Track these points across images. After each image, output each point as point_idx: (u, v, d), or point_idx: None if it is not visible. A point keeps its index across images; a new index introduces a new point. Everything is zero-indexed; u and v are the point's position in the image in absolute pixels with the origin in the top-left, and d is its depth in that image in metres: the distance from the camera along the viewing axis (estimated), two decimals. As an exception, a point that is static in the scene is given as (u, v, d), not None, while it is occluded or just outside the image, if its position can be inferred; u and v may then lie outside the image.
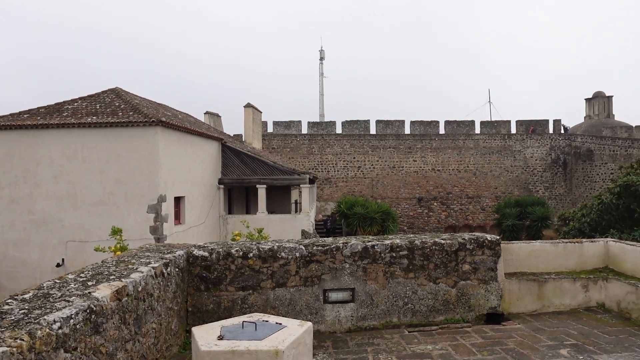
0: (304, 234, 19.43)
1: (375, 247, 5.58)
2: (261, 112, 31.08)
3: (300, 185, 22.19)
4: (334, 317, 5.47)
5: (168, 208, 16.20)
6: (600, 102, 43.39)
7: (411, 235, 6.16)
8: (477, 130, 39.45)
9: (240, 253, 5.28)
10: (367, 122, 38.94)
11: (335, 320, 5.48)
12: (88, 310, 2.96)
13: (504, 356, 4.61)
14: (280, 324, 3.83)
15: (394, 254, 5.61)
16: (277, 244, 5.46)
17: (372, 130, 38.85)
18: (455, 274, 5.79)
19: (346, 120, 38.97)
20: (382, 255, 5.58)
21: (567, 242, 7.03)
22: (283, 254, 5.35)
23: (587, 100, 44.34)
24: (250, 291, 5.27)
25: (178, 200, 17.44)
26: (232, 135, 31.46)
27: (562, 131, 39.66)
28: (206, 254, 5.25)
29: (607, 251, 6.93)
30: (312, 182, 25.10)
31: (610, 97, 43.60)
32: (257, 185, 21.35)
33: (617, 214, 16.37)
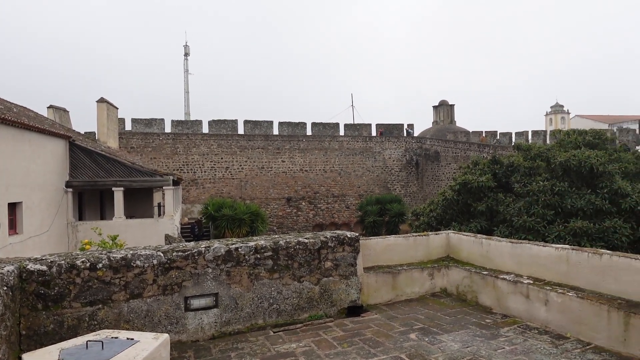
0: (168, 238, 18.37)
1: (239, 249, 5.47)
2: (117, 108, 28.54)
3: (164, 188, 20.92)
4: (197, 324, 5.22)
5: (0, 216, 13.93)
6: (444, 109, 49.12)
7: (276, 236, 6.18)
8: (342, 132, 41.62)
9: (88, 264, 4.73)
10: (235, 122, 38.40)
11: (198, 328, 5.23)
12: None
13: (362, 346, 4.88)
14: (132, 339, 3.51)
15: (258, 256, 5.56)
16: (131, 252, 5.01)
17: (240, 131, 38.45)
18: (319, 271, 5.97)
19: (213, 120, 37.93)
20: (247, 257, 5.49)
21: (416, 236, 7.72)
22: (138, 262, 4.93)
23: (434, 107, 49.86)
24: (100, 305, 4.76)
25: (14, 207, 15.10)
26: (83, 133, 28.39)
27: (406, 134, 43.91)
28: (44, 267, 4.58)
29: (448, 242, 7.80)
30: (176, 183, 23.88)
31: (452, 106, 49.62)
32: (113, 188, 19.56)
33: (458, 209, 18.64)
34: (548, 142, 34.42)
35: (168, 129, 36.79)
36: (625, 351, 4.49)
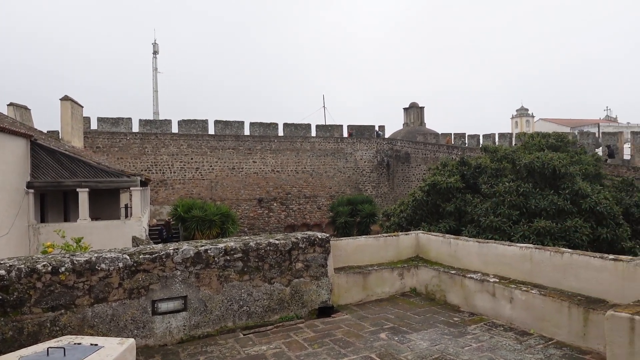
0: (135, 240, 17.93)
1: (209, 251, 5.39)
2: (82, 107, 27.66)
3: (131, 188, 20.40)
4: (165, 328, 5.12)
5: (-44, 218, 13.29)
6: (415, 111, 49.82)
7: (246, 237, 6.13)
8: (313, 133, 41.64)
9: (49, 268, 4.57)
10: (205, 121, 37.84)
11: (166, 332, 5.13)
12: None
13: (333, 347, 4.89)
14: (97, 344, 3.40)
15: (228, 257, 5.50)
16: (95, 255, 4.87)
17: (211, 131, 37.92)
18: (289, 272, 5.95)
19: (183, 119, 37.28)
20: (216, 259, 5.42)
21: (387, 236, 7.80)
22: (103, 265, 4.80)
23: (405, 109, 50.50)
24: (63, 311, 4.60)
25: (-29, 209, 14.44)
26: (45, 132, 27.40)
27: (376, 136, 44.35)
28: (3, 272, 4.40)
29: (417, 242, 7.91)
30: (144, 184, 23.35)
31: (422, 108, 50.39)
32: (78, 189, 18.94)
33: (427, 209, 18.93)
34: (514, 144, 35.42)
35: (136, 128, 35.94)
36: (584, 345, 4.66)
